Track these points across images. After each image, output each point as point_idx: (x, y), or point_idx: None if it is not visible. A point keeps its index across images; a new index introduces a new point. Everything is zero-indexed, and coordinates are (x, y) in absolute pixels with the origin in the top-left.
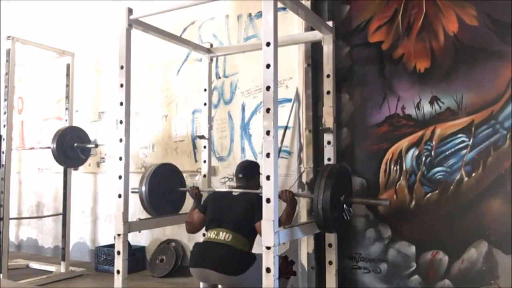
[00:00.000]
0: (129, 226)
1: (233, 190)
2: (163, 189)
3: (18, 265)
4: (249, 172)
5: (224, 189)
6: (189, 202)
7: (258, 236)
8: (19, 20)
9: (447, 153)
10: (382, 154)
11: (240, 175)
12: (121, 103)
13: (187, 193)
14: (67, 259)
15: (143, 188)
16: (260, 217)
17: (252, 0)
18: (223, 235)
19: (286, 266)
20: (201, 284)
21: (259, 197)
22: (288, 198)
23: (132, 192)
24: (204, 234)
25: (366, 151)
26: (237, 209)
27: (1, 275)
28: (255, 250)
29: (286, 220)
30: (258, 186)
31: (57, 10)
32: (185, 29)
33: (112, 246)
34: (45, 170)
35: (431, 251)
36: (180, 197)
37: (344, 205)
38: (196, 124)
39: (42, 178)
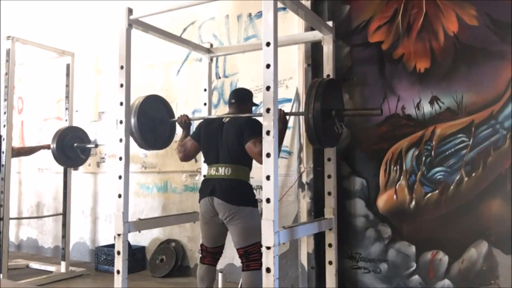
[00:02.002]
0: (129, 226)
1: (225, 116)
2: (153, 120)
3: (18, 265)
4: (241, 97)
5: (214, 116)
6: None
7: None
8: (19, 20)
9: (447, 153)
10: (382, 154)
11: (233, 101)
12: (121, 103)
13: (177, 125)
14: (67, 259)
15: (132, 120)
16: (248, 138)
17: (252, 0)
18: (223, 170)
19: None
20: (199, 283)
21: (248, 120)
22: (279, 115)
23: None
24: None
25: (366, 151)
26: (228, 138)
27: (1, 275)
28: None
29: (279, 135)
30: (250, 112)
31: (57, 10)
32: (185, 29)
33: (112, 246)
34: (45, 170)
35: (431, 251)
36: (170, 128)
37: (336, 119)
38: (196, 124)
39: (42, 178)
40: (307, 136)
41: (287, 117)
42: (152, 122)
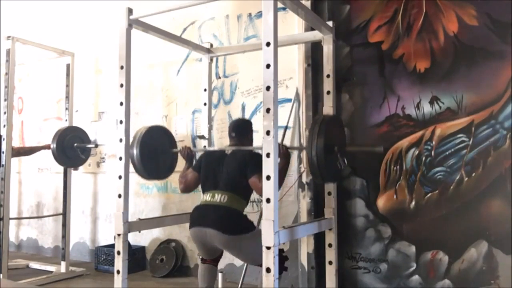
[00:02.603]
0: (129, 226)
1: (226, 148)
2: (155, 151)
3: (18, 265)
4: (242, 130)
5: (216, 148)
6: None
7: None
8: (19, 20)
9: (447, 153)
10: (382, 154)
11: (233, 134)
12: (121, 103)
13: (179, 155)
14: (67, 259)
15: (134, 151)
16: (253, 172)
17: (252, 0)
18: (219, 197)
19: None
20: (200, 283)
21: (252, 153)
22: (282, 151)
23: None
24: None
25: (367, 150)
26: (230, 169)
27: (1, 275)
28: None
29: (281, 173)
30: (251, 143)
31: (57, 10)
32: (185, 29)
33: (112, 246)
34: (45, 170)
35: (431, 251)
36: (171, 158)
37: (338, 155)
38: (196, 124)
39: (42, 178)
40: (309, 171)
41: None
42: (154, 152)
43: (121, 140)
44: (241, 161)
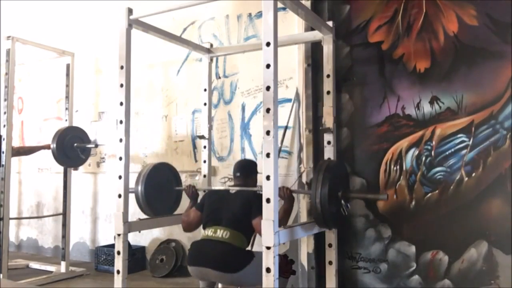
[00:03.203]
0: (129, 226)
1: (231, 188)
2: (160, 188)
3: (18, 265)
4: (246, 170)
5: (221, 187)
6: (184, 204)
7: (258, 236)
8: (19, 20)
9: (447, 153)
10: (382, 154)
11: (238, 174)
12: (121, 103)
13: (183, 192)
14: (67, 259)
15: (139, 188)
16: (257, 214)
17: (252, 0)
18: (221, 233)
19: (286, 265)
20: (201, 283)
21: (257, 194)
22: (285, 194)
23: (129, 192)
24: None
25: (366, 151)
26: (234, 207)
27: (1, 275)
28: (256, 250)
29: (284, 216)
30: (255, 184)
31: (57, 10)
32: (185, 29)
33: (112, 246)
34: (45, 170)
35: (431, 251)
36: (176, 196)
37: (342, 201)
38: (196, 124)
39: (42, 178)
40: (313, 218)
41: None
42: (158, 189)
43: (121, 140)
44: (245, 200)
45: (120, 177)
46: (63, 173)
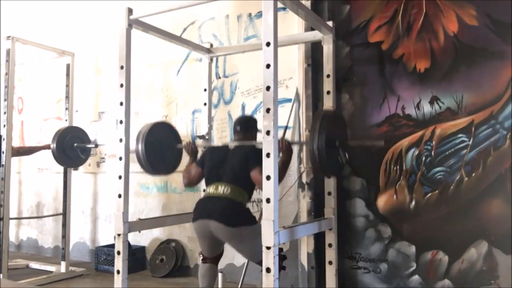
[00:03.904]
0: (129, 226)
1: (230, 143)
2: (160, 146)
3: (18, 265)
4: (247, 125)
5: (220, 144)
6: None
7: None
8: (19, 20)
9: (447, 153)
10: (382, 154)
11: (238, 128)
12: (121, 103)
13: (184, 150)
14: (67, 259)
15: (139, 146)
16: (254, 166)
17: (252, 0)
18: (222, 189)
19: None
20: (200, 283)
21: (254, 148)
22: (284, 147)
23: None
24: (204, 190)
25: (366, 151)
26: (233, 162)
27: (1, 275)
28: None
29: (282, 168)
30: (255, 139)
31: (57, 10)
32: (185, 29)
33: (112, 246)
34: (45, 170)
35: (431, 251)
36: (176, 154)
37: (340, 149)
38: (196, 124)
39: (42, 178)
40: (311, 165)
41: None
42: (158, 148)
43: (121, 140)
44: (244, 155)
45: (120, 177)
46: (63, 173)
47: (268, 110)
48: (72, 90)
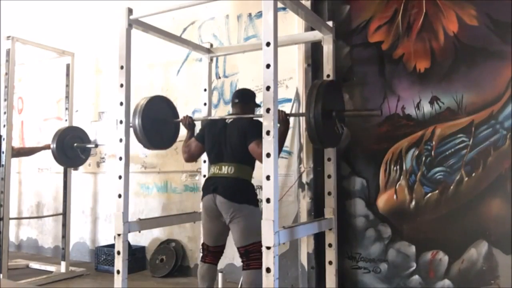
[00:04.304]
0: (129, 226)
1: (227, 117)
2: (157, 121)
3: (18, 265)
4: (245, 98)
5: (217, 117)
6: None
7: None
8: (19, 20)
9: (447, 153)
10: (382, 154)
11: (236, 100)
12: (121, 103)
13: (181, 125)
14: (67, 259)
15: (137, 121)
16: (252, 139)
17: (252, 0)
18: (226, 169)
19: None
20: (200, 283)
21: (252, 121)
22: (281, 117)
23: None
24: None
25: (366, 151)
26: (232, 138)
27: (1, 275)
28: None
29: (280, 138)
30: (253, 112)
31: (57, 10)
32: (185, 29)
33: (112, 246)
34: (45, 170)
35: (431, 251)
36: (174, 128)
37: (336, 119)
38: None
39: (42, 178)
40: (308, 135)
41: (289, 118)
42: (156, 122)
43: (121, 140)
44: (241, 130)
45: (120, 177)
46: (63, 173)
47: (268, 110)
48: (72, 90)
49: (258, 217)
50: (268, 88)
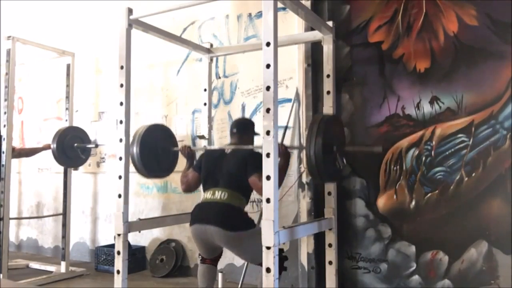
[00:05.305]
0: (129, 226)
1: (226, 147)
2: (155, 149)
3: (18, 265)
4: (244, 128)
5: (216, 147)
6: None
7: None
8: (19, 20)
9: (447, 153)
10: (382, 154)
11: (235, 130)
12: (121, 103)
13: (180, 153)
14: (67, 259)
15: (135, 149)
16: (252, 171)
17: (252, 0)
18: (219, 194)
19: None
20: (200, 283)
21: (252, 152)
22: (281, 150)
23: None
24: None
25: (366, 151)
26: (230, 167)
27: (1, 275)
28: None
29: (280, 172)
30: (252, 143)
31: (57, 10)
32: (185, 29)
33: (112, 246)
34: (45, 170)
35: (431, 251)
36: (172, 157)
37: (337, 154)
38: (196, 124)
39: (42, 178)
40: (308, 170)
41: (290, 150)
42: (154, 151)
43: (121, 140)
44: (241, 159)
45: (120, 177)
46: (63, 173)
47: (268, 110)
48: (72, 90)
49: (259, 237)
50: (268, 88)
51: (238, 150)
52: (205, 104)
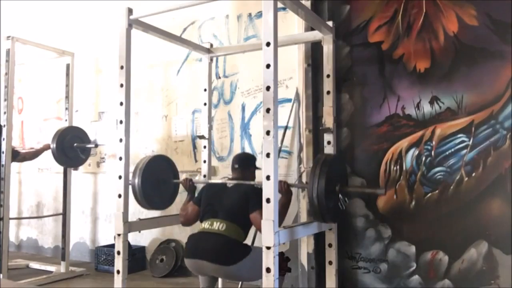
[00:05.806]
0: (129, 226)
1: (228, 181)
2: (157, 181)
3: (18, 265)
4: (245, 163)
5: (218, 180)
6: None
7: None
8: (19, 20)
9: (447, 153)
10: (382, 154)
11: (236, 165)
12: (121, 103)
13: (181, 185)
14: (67, 259)
15: (136, 180)
16: (254, 207)
17: (252, 0)
18: (217, 225)
19: (281, 262)
20: (201, 283)
21: (254, 188)
22: (283, 189)
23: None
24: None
25: (366, 151)
26: (231, 199)
27: (1, 275)
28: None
29: (281, 211)
30: (253, 178)
31: (57, 10)
32: (185, 29)
33: (112, 246)
34: (45, 170)
35: (431, 251)
36: (173, 189)
37: (340, 195)
38: (196, 124)
39: (42, 178)
40: (310, 211)
41: (292, 188)
42: (156, 182)
43: (121, 140)
44: (243, 194)
45: (120, 177)
46: (63, 173)
47: (268, 110)
48: (72, 90)
49: (260, 256)
50: (268, 88)
51: (240, 185)
52: (205, 104)
